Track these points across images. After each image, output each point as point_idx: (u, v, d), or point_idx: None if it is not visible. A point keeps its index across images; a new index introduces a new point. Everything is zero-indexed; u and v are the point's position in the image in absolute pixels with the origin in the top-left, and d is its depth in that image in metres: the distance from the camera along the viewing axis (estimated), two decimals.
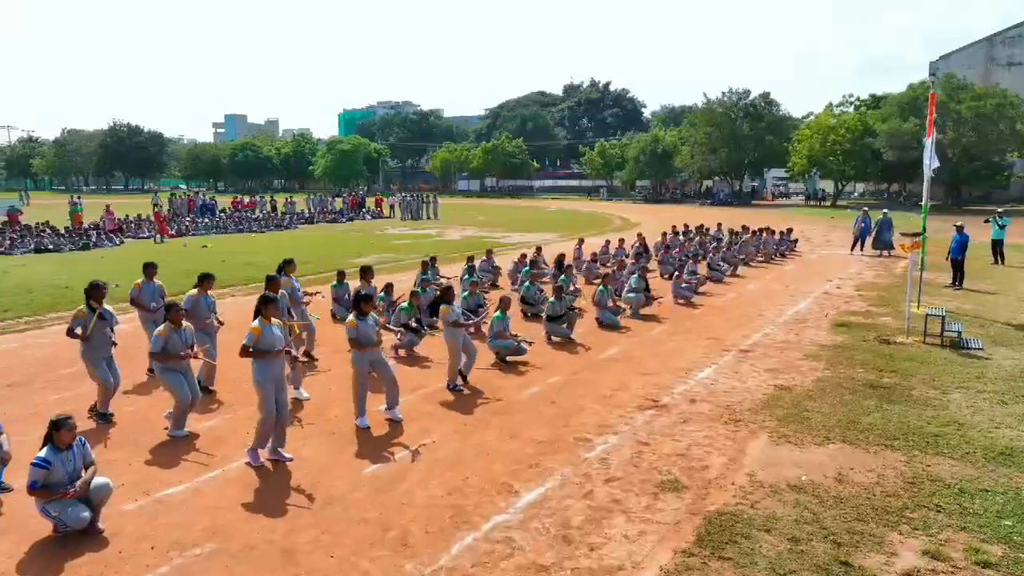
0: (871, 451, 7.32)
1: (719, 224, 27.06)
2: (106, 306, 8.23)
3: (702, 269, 19.17)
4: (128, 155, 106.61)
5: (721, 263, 19.35)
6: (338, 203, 47.68)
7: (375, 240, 30.86)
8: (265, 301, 7.15)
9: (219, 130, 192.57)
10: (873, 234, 25.01)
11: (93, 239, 27.07)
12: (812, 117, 64.60)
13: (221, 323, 9.59)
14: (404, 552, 5.41)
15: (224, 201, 49.61)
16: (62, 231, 27.60)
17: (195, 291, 9.33)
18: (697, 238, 24.01)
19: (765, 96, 66.43)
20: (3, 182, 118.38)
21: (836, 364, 10.64)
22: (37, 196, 77.30)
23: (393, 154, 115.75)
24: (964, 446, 7.42)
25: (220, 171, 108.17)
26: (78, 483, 5.49)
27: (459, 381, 9.50)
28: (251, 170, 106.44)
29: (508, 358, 10.75)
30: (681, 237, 24.00)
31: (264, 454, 7.05)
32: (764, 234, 23.76)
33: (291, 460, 7.09)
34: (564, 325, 12.08)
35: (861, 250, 25.26)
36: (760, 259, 23.21)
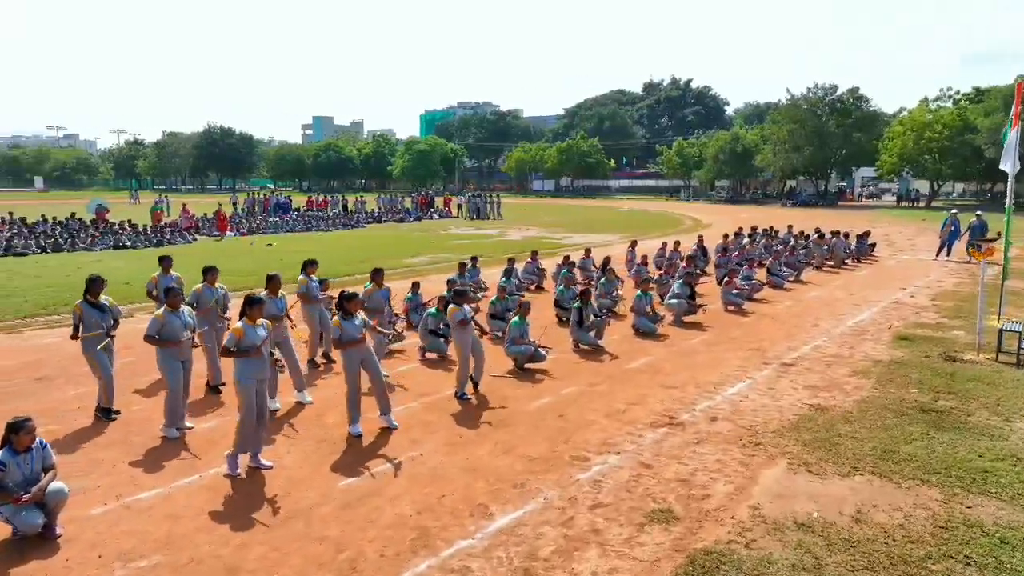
0: (903, 486, 6.47)
1: (789, 227, 25.61)
2: (105, 299, 8.28)
3: (761, 274, 18.13)
4: (221, 156, 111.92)
5: (782, 268, 18.18)
6: (407, 202, 48.20)
7: (435, 240, 30.90)
8: (249, 303, 6.98)
9: (307, 132, 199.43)
10: (964, 238, 23.03)
11: (167, 237, 28.25)
12: (905, 113, 60.77)
13: (226, 317, 9.57)
14: None
15: (301, 200, 51.13)
16: (140, 229, 28.92)
17: (199, 285, 9.38)
18: (762, 241, 22.77)
19: (853, 91, 63.07)
20: (112, 181, 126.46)
21: (887, 382, 9.64)
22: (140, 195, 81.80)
23: (470, 154, 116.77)
24: (1018, 485, 6.46)
25: (304, 171, 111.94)
26: (33, 489, 5.41)
27: (468, 389, 9.11)
28: (333, 170, 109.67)
29: (526, 365, 10.29)
30: (745, 240, 22.82)
31: (244, 461, 6.87)
32: (835, 237, 22.25)
33: (270, 468, 6.89)
34: (592, 332, 11.49)
35: (947, 256, 23.34)
36: (831, 264, 21.78)
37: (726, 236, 22.37)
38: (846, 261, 22.29)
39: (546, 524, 5.83)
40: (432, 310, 10.79)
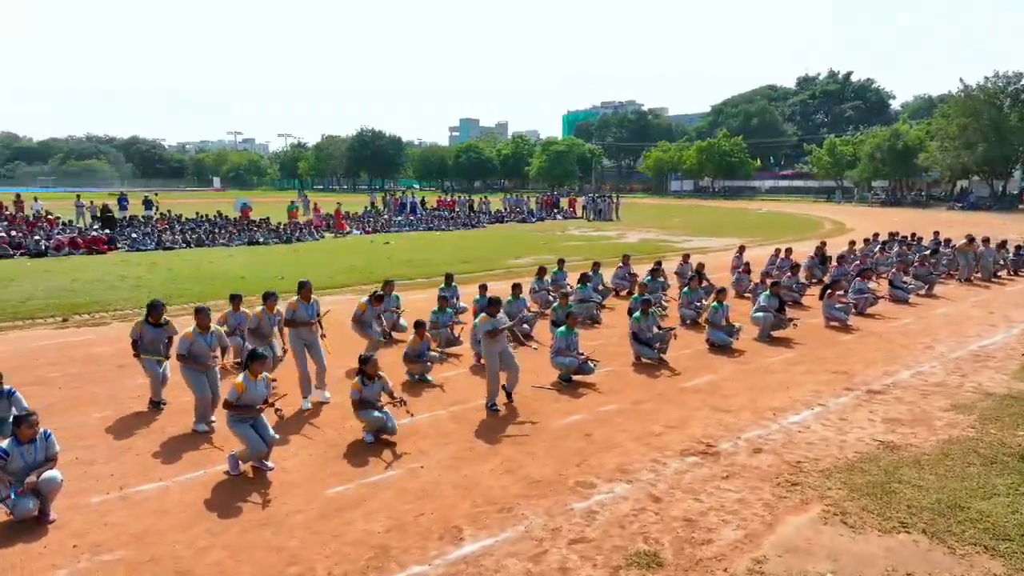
0: (957, 552, 5.38)
1: (935, 233, 22.87)
2: (165, 319, 8.67)
3: (882, 286, 16.29)
4: (372, 157, 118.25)
5: (905, 280, 16.17)
6: (532, 203, 48.32)
7: (547, 241, 30.63)
8: (252, 357, 6.97)
9: (454, 133, 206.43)
10: None
11: (296, 234, 30.09)
12: None
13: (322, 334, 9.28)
14: None
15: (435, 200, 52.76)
16: (274, 227, 31.01)
17: (294, 299, 8.99)
18: (896, 249, 20.47)
19: None
20: (277, 181, 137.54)
21: (991, 421, 8.19)
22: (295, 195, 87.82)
23: (609, 154, 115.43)
24: None
25: (446, 172, 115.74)
26: (26, 481, 5.74)
27: (501, 400, 8.77)
28: (473, 171, 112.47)
29: (575, 377, 9.77)
30: (876, 247, 20.64)
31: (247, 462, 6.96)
32: (985, 245, 19.52)
33: (271, 469, 6.93)
34: (656, 345, 10.73)
35: None
36: (979, 276, 19.15)
37: (852, 243, 20.37)
38: (998, 274, 19.52)
39: (514, 556, 5.39)
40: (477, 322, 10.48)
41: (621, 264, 17.09)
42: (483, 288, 12.61)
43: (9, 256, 23.78)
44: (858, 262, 17.72)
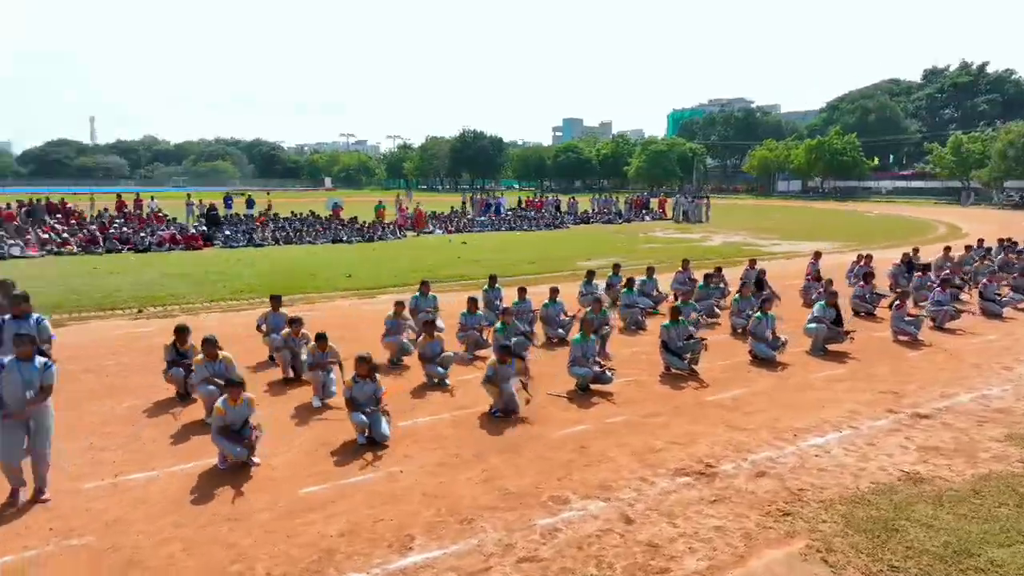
0: None
1: None
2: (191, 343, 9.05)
3: (972, 298, 14.85)
4: (473, 158, 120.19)
5: (998, 293, 14.61)
6: (620, 204, 47.46)
7: (625, 242, 29.94)
8: (229, 384, 7.17)
9: (557, 133, 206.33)
10: None
11: (378, 233, 30.99)
12: None
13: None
14: None
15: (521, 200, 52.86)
16: (358, 225, 32.07)
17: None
18: (1000, 257, 18.59)
19: None
20: (384, 181, 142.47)
21: None
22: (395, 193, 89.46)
23: (713, 154, 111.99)
24: None
25: (545, 172, 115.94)
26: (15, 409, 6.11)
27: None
28: (572, 171, 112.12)
29: (592, 386, 9.45)
30: (975, 255, 18.84)
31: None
32: None
33: (256, 465, 7.08)
34: (686, 356, 10.22)
35: None
36: None
37: (947, 249, 18.68)
38: None
39: (455, 571, 5.24)
40: (499, 325, 10.35)
41: (681, 269, 16.42)
42: (522, 291, 12.41)
43: (118, 251, 25.84)
44: (948, 271, 16.21)
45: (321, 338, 9.02)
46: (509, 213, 42.19)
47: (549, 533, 5.79)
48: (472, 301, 11.60)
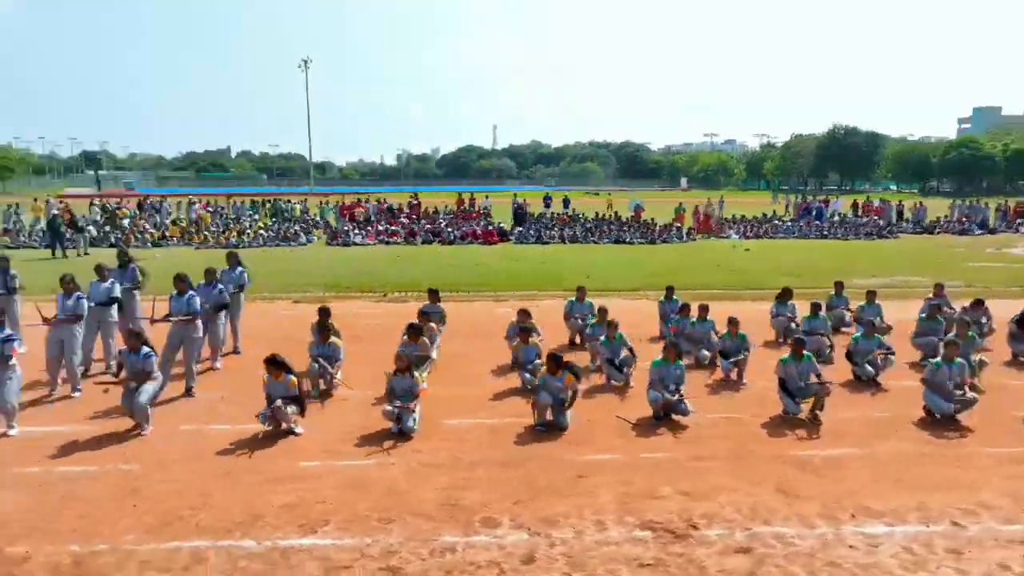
0: None
1: None
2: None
3: None
4: (841, 156, 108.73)
5: None
6: (992, 211, 38.50)
7: (951, 258, 24.44)
8: (271, 362, 8.17)
9: (964, 126, 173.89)
10: None
11: (662, 236, 30.66)
12: None
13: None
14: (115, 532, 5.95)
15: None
16: (644, 227, 32.22)
17: None
18: None
19: None
20: (743, 182, 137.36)
21: None
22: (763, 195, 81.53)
23: None
24: None
25: (930, 171, 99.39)
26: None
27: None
28: (966, 169, 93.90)
29: (672, 415, 8.50)
30: None
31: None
32: None
33: (297, 435, 8.07)
34: (799, 400, 8.48)
35: None
36: None
37: None
38: None
39: (317, 560, 5.51)
40: (603, 339, 9.78)
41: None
42: (704, 309, 11.33)
43: (429, 242, 30.16)
44: None
45: (415, 330, 9.77)
46: (836, 219, 37.59)
47: (441, 552, 5.66)
48: (602, 311, 11.10)
